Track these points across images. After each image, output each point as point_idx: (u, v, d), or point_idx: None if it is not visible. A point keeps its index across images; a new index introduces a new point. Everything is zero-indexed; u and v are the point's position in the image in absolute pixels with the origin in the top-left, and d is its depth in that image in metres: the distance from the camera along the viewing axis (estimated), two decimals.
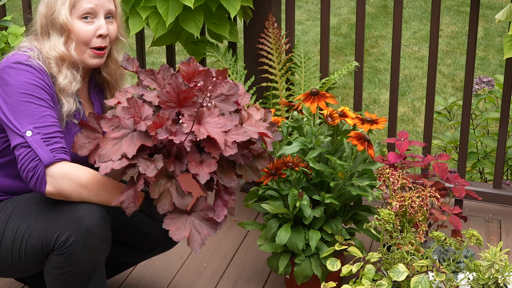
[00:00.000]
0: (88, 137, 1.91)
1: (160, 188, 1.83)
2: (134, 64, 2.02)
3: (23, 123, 1.92)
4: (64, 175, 1.90)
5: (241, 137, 1.86)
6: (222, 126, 1.85)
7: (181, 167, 1.83)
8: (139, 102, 1.88)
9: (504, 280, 2.11)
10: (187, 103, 1.86)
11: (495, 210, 3.08)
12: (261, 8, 3.01)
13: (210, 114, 1.86)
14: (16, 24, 4.18)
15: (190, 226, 1.86)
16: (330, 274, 2.40)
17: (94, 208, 1.95)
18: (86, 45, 2.06)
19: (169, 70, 1.95)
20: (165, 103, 1.86)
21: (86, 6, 2.04)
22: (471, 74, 2.93)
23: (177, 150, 1.83)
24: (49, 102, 1.98)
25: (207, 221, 1.88)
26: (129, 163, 1.82)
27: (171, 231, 1.84)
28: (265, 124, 1.96)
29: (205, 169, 1.82)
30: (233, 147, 1.84)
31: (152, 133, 1.81)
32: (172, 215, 1.85)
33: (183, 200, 1.84)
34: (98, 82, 2.21)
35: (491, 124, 3.75)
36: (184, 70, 1.93)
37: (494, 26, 6.70)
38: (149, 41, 5.39)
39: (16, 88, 1.94)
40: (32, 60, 2.00)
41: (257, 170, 1.97)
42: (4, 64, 1.99)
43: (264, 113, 2.00)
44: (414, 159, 2.78)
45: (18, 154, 1.91)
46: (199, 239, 1.86)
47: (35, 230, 1.96)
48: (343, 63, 6.04)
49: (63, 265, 1.95)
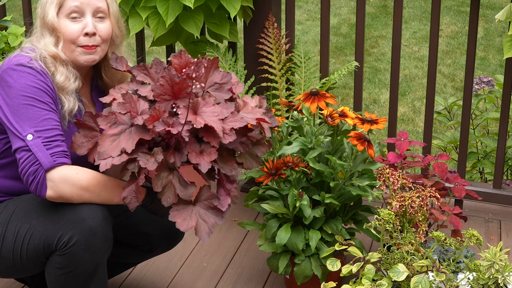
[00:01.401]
0: (86, 136, 1.91)
1: (163, 181, 1.83)
2: (123, 63, 2.02)
3: (24, 126, 1.92)
4: (64, 179, 1.90)
5: (238, 123, 1.86)
6: (218, 114, 1.85)
7: (181, 158, 1.84)
8: (135, 97, 1.88)
9: (504, 280, 2.11)
10: (182, 95, 1.86)
11: (495, 210, 3.08)
12: (261, 8, 3.01)
13: (205, 103, 1.86)
14: (16, 24, 4.18)
15: (196, 216, 1.86)
16: (330, 274, 2.40)
17: (96, 208, 1.95)
18: (74, 43, 2.05)
19: (161, 64, 1.96)
20: (160, 96, 1.86)
21: (72, 4, 2.04)
22: (471, 74, 2.93)
23: (176, 141, 1.83)
24: (51, 105, 1.97)
25: (212, 209, 1.88)
26: (129, 158, 1.82)
27: (178, 223, 1.84)
28: (261, 110, 1.96)
29: (206, 158, 1.83)
30: (232, 134, 1.84)
31: (149, 126, 1.81)
32: (178, 206, 1.85)
33: (187, 190, 1.84)
34: (100, 86, 2.21)
35: (491, 124, 3.75)
36: (176, 62, 1.93)
37: (494, 26, 6.70)
38: (149, 41, 5.40)
39: (18, 91, 1.94)
40: (34, 62, 2.00)
41: (257, 157, 1.98)
42: (7, 66, 1.99)
43: (259, 100, 2.00)
44: (414, 159, 2.78)
45: (19, 158, 1.91)
46: (206, 228, 1.86)
47: (37, 231, 1.96)
48: (343, 63, 6.04)
49: (65, 265, 1.95)
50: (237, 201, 1.94)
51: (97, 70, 2.19)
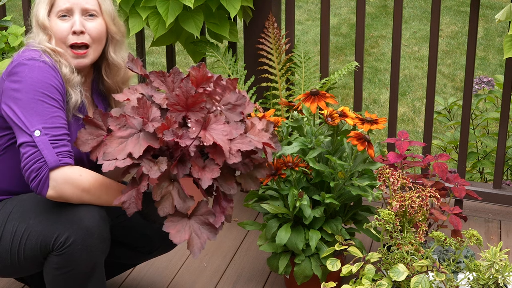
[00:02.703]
0: (91, 134, 1.90)
1: (162, 191, 1.83)
2: (138, 65, 2.02)
3: (32, 122, 1.90)
4: (67, 180, 1.90)
5: (246, 146, 1.86)
6: (227, 133, 1.85)
7: (184, 170, 1.83)
8: (148, 103, 1.87)
9: (504, 280, 2.11)
10: (195, 108, 1.86)
11: (495, 210, 3.08)
12: (261, 8, 3.01)
13: (216, 120, 1.86)
14: (16, 24, 4.18)
15: (190, 229, 1.86)
16: (330, 274, 2.40)
17: (93, 208, 1.95)
18: (64, 43, 2.05)
19: (179, 74, 1.96)
20: (173, 105, 1.86)
21: (62, 3, 2.05)
22: (471, 74, 2.93)
23: (181, 153, 1.83)
24: (60, 103, 1.97)
25: (207, 225, 1.88)
26: (133, 163, 1.82)
27: (172, 234, 1.83)
28: (267, 134, 1.95)
29: (208, 175, 1.82)
30: (237, 155, 1.84)
31: (159, 135, 1.81)
32: (173, 218, 1.85)
33: (185, 204, 1.84)
34: (101, 90, 2.20)
35: (491, 124, 3.75)
36: (194, 75, 1.93)
37: (494, 26, 6.70)
38: (149, 41, 5.39)
39: (30, 85, 1.93)
40: (45, 57, 1.99)
41: (257, 179, 1.98)
42: (18, 61, 1.97)
43: (266, 123, 1.99)
44: (414, 159, 2.78)
45: (23, 152, 1.89)
46: (199, 243, 1.86)
47: (34, 231, 1.95)
48: (343, 63, 6.04)
49: (62, 265, 1.95)
50: (230, 221, 1.95)
51: (98, 72, 2.18)
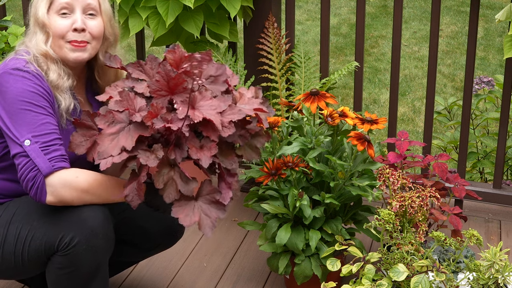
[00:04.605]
0: (84, 135, 1.90)
1: (164, 177, 1.83)
2: (117, 61, 2.02)
3: (21, 132, 1.91)
4: (64, 183, 1.90)
5: (237, 115, 1.86)
6: (216, 107, 1.85)
7: (182, 154, 1.83)
8: (131, 95, 1.87)
9: (504, 280, 2.11)
10: (178, 90, 1.85)
11: (495, 210, 3.08)
12: (261, 8, 3.01)
13: (202, 97, 1.86)
14: (16, 24, 4.18)
15: (199, 211, 1.86)
16: (330, 274, 2.40)
17: (97, 208, 1.95)
18: (63, 39, 2.05)
19: (156, 60, 1.95)
20: (156, 92, 1.86)
21: (62, 1, 2.05)
22: (471, 74, 2.93)
23: (176, 137, 1.83)
24: (48, 109, 1.97)
25: (215, 204, 1.87)
26: (129, 156, 1.82)
27: (181, 218, 1.83)
28: (257, 100, 1.96)
29: (206, 153, 1.82)
30: (231, 126, 1.84)
31: (148, 123, 1.81)
32: (180, 202, 1.85)
33: (188, 186, 1.83)
34: (95, 89, 2.20)
35: (491, 124, 3.75)
36: (171, 57, 1.92)
37: (494, 26, 6.70)
38: (149, 41, 5.40)
39: (14, 96, 1.94)
40: (30, 66, 1.99)
41: (257, 148, 1.98)
42: (2, 71, 1.98)
43: (254, 91, 2.00)
44: (414, 159, 2.78)
45: (18, 164, 1.91)
46: (210, 222, 1.86)
47: (38, 232, 1.96)
48: (343, 63, 6.04)
49: (66, 265, 1.95)
50: (238, 195, 1.94)
51: (91, 72, 2.18)
